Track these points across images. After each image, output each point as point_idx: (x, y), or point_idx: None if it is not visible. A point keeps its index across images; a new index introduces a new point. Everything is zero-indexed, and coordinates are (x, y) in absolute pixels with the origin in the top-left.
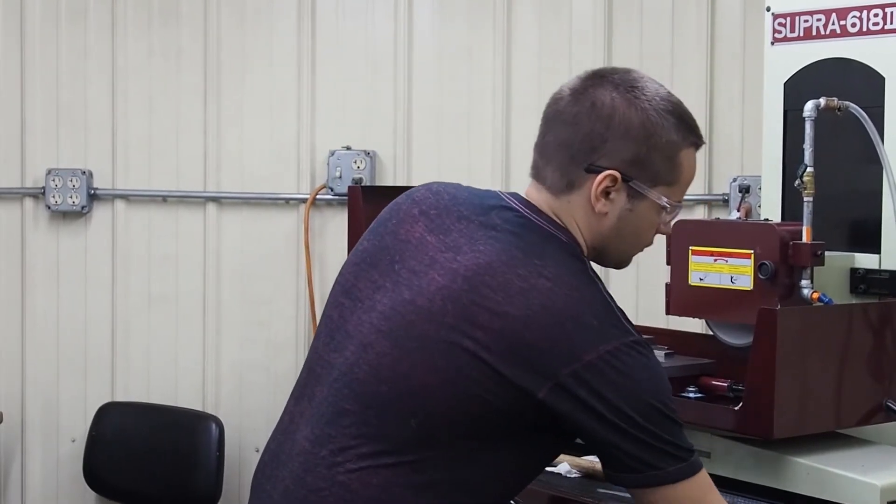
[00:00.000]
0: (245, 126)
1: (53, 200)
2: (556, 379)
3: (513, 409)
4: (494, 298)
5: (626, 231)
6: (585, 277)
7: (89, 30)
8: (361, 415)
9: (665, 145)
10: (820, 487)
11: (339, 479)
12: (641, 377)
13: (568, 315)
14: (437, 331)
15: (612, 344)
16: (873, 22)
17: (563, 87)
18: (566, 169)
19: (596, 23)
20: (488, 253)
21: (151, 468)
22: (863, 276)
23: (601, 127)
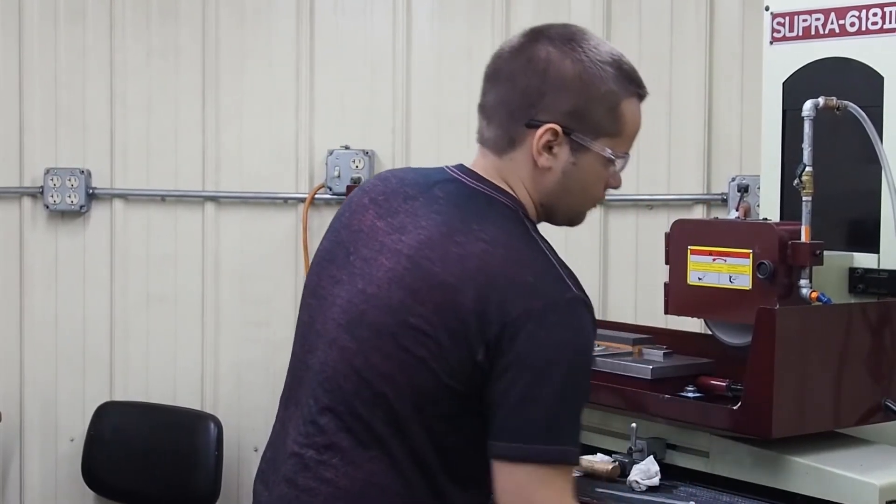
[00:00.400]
0: (244, 125)
1: (52, 200)
2: (488, 339)
3: (464, 381)
4: (434, 270)
5: (573, 186)
6: (524, 238)
7: (88, 29)
8: (336, 412)
9: (604, 95)
10: (819, 487)
11: (327, 476)
12: (564, 337)
13: (502, 274)
14: (385, 316)
15: (544, 300)
16: (872, 21)
17: (502, 46)
18: (507, 126)
19: (595, 22)
20: (429, 228)
21: (150, 468)
22: (861, 276)
23: (537, 81)
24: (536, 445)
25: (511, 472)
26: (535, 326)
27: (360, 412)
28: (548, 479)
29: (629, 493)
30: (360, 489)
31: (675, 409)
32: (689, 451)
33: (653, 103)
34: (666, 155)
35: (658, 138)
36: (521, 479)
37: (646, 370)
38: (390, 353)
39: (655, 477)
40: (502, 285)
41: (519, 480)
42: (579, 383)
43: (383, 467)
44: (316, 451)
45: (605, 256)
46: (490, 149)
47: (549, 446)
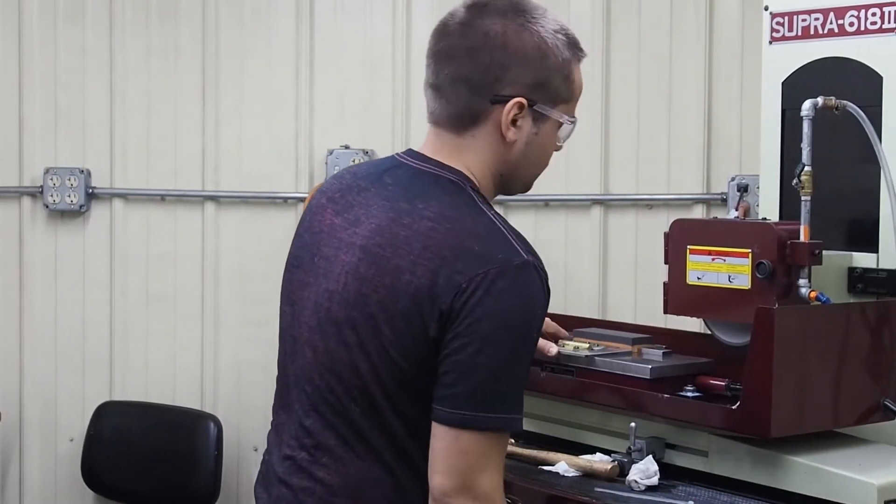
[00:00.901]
0: (243, 125)
1: (51, 199)
2: (441, 312)
3: (423, 360)
4: (384, 256)
5: (533, 155)
6: (471, 208)
7: (87, 29)
8: (319, 412)
9: (561, 64)
10: (818, 486)
11: (320, 476)
12: (512, 303)
13: (449, 247)
14: (345, 310)
15: (491, 267)
16: (871, 21)
17: (446, 22)
18: (469, 104)
19: (594, 23)
20: (378, 215)
21: (150, 467)
22: (860, 276)
23: (499, 56)
24: (480, 413)
25: (451, 436)
26: (484, 294)
27: (338, 409)
28: (486, 446)
29: (628, 492)
30: (353, 484)
31: (674, 408)
32: (687, 451)
33: (652, 103)
34: (665, 154)
35: (657, 138)
36: (461, 446)
37: (645, 370)
38: (352, 345)
39: (654, 476)
40: (450, 258)
41: (460, 447)
42: (526, 351)
43: (370, 460)
44: (307, 452)
45: (604, 256)
46: (447, 128)
47: (493, 415)
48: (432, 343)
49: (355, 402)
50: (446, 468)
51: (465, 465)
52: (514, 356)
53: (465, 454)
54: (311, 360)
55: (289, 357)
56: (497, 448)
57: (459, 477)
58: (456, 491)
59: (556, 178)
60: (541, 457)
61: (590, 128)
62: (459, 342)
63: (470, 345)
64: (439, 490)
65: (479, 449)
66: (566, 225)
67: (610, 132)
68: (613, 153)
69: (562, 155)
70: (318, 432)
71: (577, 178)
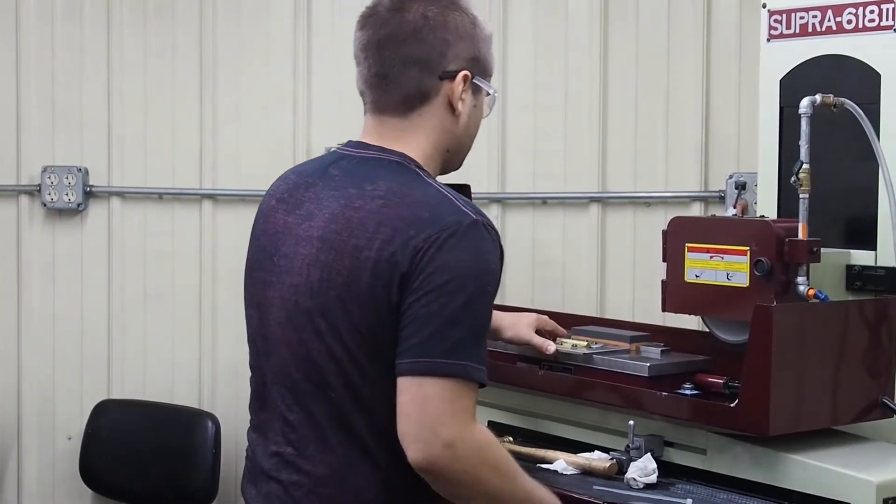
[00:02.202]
0: (241, 123)
1: (49, 198)
2: (401, 277)
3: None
4: (341, 239)
5: (472, 126)
6: (417, 182)
7: (84, 27)
8: (301, 405)
9: (487, 38)
10: (816, 484)
11: (306, 468)
12: (463, 258)
13: (400, 217)
14: (311, 299)
15: (442, 229)
16: (869, 18)
17: (374, 12)
18: (419, 83)
19: (592, 21)
20: (330, 205)
21: (148, 466)
22: (859, 273)
23: (442, 34)
24: (439, 360)
25: (415, 386)
26: (437, 250)
27: (317, 398)
28: (451, 394)
29: (627, 490)
30: (338, 472)
31: (673, 406)
32: (686, 449)
33: (650, 101)
34: (663, 152)
35: (655, 136)
36: (425, 393)
37: (643, 368)
38: (324, 331)
39: (653, 474)
40: (403, 228)
41: (425, 394)
42: (481, 304)
43: (351, 445)
44: (293, 447)
45: (602, 254)
46: (393, 113)
47: (451, 360)
48: (395, 308)
49: (332, 388)
50: (411, 416)
51: (429, 413)
52: (469, 307)
53: (428, 401)
54: (287, 354)
55: (262, 357)
56: (462, 399)
57: (425, 426)
58: (422, 440)
59: (554, 176)
60: (539, 455)
61: (587, 125)
62: (414, 296)
63: (424, 296)
64: (408, 440)
65: (441, 397)
66: (564, 223)
67: (607, 130)
68: (611, 151)
69: (559, 153)
70: (302, 425)
71: (575, 176)
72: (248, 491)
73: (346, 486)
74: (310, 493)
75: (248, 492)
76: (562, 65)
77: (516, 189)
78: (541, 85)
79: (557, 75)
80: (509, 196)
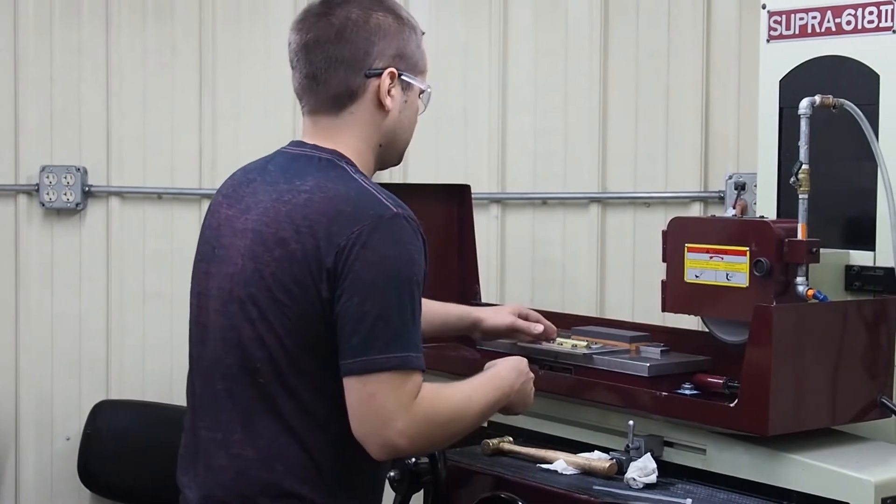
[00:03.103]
0: (240, 123)
1: (48, 197)
2: (327, 273)
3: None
4: (270, 231)
5: (405, 121)
6: (343, 178)
7: (83, 27)
8: (230, 390)
9: (414, 35)
10: (815, 484)
11: (234, 452)
12: (387, 253)
13: (324, 212)
14: (244, 288)
15: (363, 223)
16: (868, 20)
17: (304, 18)
18: (346, 82)
19: (592, 20)
20: (264, 199)
21: (146, 466)
22: (858, 273)
23: (365, 33)
24: (377, 356)
25: (359, 385)
26: (361, 248)
27: (247, 383)
28: (393, 385)
29: (626, 490)
30: (265, 454)
31: (672, 406)
32: (686, 449)
33: (650, 101)
34: (663, 153)
35: (655, 136)
36: (369, 390)
37: (643, 368)
38: (255, 318)
39: (653, 474)
40: (326, 223)
41: (369, 391)
42: (410, 293)
43: (278, 428)
44: (222, 432)
45: (602, 254)
46: (325, 112)
47: (389, 354)
48: (326, 303)
49: (260, 374)
50: (362, 416)
51: (377, 410)
52: (400, 300)
53: (374, 398)
54: (220, 341)
55: (198, 345)
56: (404, 387)
57: (378, 423)
58: (378, 435)
59: (554, 176)
60: (539, 455)
61: (587, 126)
62: (347, 296)
63: (355, 296)
64: (365, 440)
65: (385, 391)
66: (564, 223)
67: (608, 130)
68: (611, 151)
69: (559, 153)
70: (230, 409)
71: (575, 177)
72: (182, 479)
73: (274, 469)
74: (238, 476)
75: (181, 480)
76: (562, 66)
77: (516, 189)
78: (541, 86)
79: (557, 76)
80: (509, 196)
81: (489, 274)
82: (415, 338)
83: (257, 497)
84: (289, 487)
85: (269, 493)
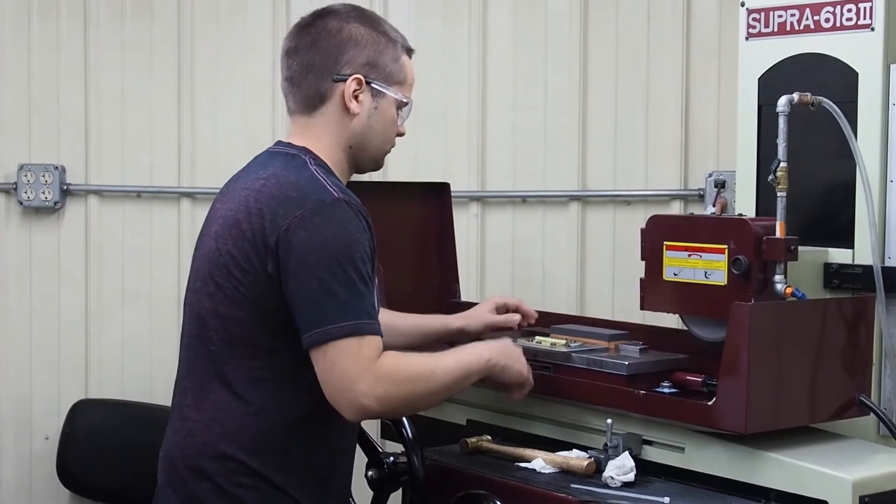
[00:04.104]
0: (219, 121)
1: (25, 196)
2: (270, 249)
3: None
4: (230, 214)
5: (376, 127)
6: (298, 168)
7: (61, 23)
8: (188, 358)
9: (389, 48)
10: (793, 482)
11: (185, 414)
12: (325, 235)
13: (273, 196)
14: (206, 264)
15: (306, 207)
16: (846, 17)
17: (295, 27)
18: (317, 85)
19: (571, 18)
20: (236, 190)
21: (126, 465)
22: (836, 271)
23: (336, 41)
24: (330, 326)
25: (321, 356)
26: (303, 231)
27: (201, 351)
28: (350, 350)
29: (604, 489)
30: (209, 418)
31: (651, 404)
32: (664, 447)
33: (629, 99)
34: (643, 150)
35: (635, 134)
36: (331, 359)
37: (621, 366)
38: (213, 292)
39: (631, 473)
40: (273, 205)
41: (330, 359)
42: (355, 267)
43: (225, 394)
44: (179, 398)
45: (582, 252)
46: (301, 112)
47: (341, 324)
48: (273, 279)
49: (212, 342)
50: (330, 384)
51: (340, 376)
52: (344, 274)
53: (336, 366)
54: (188, 313)
55: (183, 324)
56: (362, 351)
57: (344, 388)
58: (346, 399)
59: (534, 174)
60: (517, 453)
61: (567, 124)
62: (293, 277)
63: (302, 276)
64: (336, 404)
65: (344, 357)
66: (544, 221)
67: (587, 128)
68: (591, 150)
69: (539, 151)
70: (186, 376)
71: (555, 175)
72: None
73: (213, 431)
74: (187, 437)
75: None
76: (541, 62)
77: (496, 187)
78: (520, 83)
79: (537, 74)
80: (489, 194)
81: (469, 272)
82: (365, 306)
83: (198, 458)
84: (224, 449)
85: (206, 454)
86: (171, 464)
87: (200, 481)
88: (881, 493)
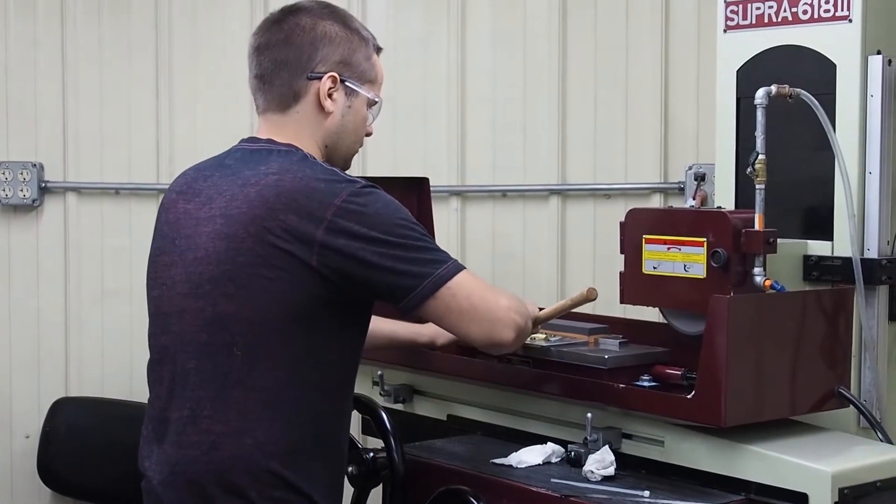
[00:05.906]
0: (197, 117)
1: (4, 194)
2: (317, 241)
3: (303, 290)
4: (242, 212)
5: (349, 126)
6: (305, 161)
7: (38, 20)
8: (200, 368)
9: (362, 46)
10: (773, 475)
11: (204, 427)
12: (378, 207)
13: (297, 190)
14: (217, 266)
15: (342, 195)
16: (824, 9)
17: (264, 22)
18: (291, 83)
19: (551, 12)
20: (229, 188)
21: (107, 463)
22: (815, 263)
23: (310, 39)
24: (440, 270)
25: (448, 298)
26: (353, 214)
27: (221, 358)
28: (473, 279)
29: (584, 483)
30: (236, 430)
31: (630, 398)
32: (644, 441)
33: (609, 93)
34: (623, 144)
35: (615, 127)
36: (464, 293)
37: (601, 359)
38: (233, 294)
39: (611, 467)
40: (303, 200)
41: (464, 294)
42: (413, 228)
43: (251, 401)
44: (190, 409)
45: (562, 245)
46: (274, 110)
47: (447, 262)
48: (315, 273)
49: (238, 346)
50: (480, 317)
51: (482, 301)
52: (416, 229)
53: (472, 296)
54: (191, 321)
55: (163, 334)
56: (464, 290)
57: (495, 307)
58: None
59: (514, 168)
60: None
61: (547, 118)
62: (360, 258)
63: (377, 249)
64: (491, 332)
65: (473, 284)
66: (524, 215)
67: (567, 122)
68: (571, 143)
69: (519, 145)
70: (199, 386)
71: (535, 169)
72: (144, 464)
73: (249, 443)
74: (212, 450)
75: (143, 464)
76: (520, 57)
77: (476, 182)
78: (499, 77)
79: (516, 67)
80: (469, 189)
81: None
82: (440, 252)
83: (229, 472)
84: (258, 461)
85: (238, 468)
86: (191, 481)
87: (230, 498)
88: (861, 485)
